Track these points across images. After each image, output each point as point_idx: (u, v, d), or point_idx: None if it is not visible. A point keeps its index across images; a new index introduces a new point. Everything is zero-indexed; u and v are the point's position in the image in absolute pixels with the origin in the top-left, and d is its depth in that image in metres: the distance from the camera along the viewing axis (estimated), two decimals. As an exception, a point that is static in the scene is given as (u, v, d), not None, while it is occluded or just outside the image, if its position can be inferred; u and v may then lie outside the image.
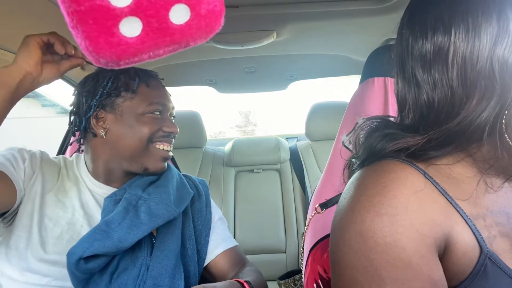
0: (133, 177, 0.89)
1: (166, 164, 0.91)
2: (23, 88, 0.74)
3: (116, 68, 0.40)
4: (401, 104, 0.56)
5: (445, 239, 0.46)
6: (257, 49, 1.33)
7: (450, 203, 0.47)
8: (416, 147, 0.50)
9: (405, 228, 0.44)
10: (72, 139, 0.95)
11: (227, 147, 2.19)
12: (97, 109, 0.85)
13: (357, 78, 1.04)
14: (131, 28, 0.37)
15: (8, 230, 0.79)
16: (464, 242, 0.45)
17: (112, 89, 0.85)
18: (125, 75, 0.87)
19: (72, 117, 0.90)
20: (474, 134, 0.47)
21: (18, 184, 0.78)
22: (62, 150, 1.49)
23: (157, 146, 0.86)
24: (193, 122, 2.09)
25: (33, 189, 0.81)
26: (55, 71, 0.78)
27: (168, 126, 0.87)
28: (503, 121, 0.46)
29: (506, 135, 0.46)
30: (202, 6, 0.39)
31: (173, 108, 0.93)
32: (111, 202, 0.81)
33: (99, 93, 0.84)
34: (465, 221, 0.46)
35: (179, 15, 0.38)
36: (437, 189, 0.47)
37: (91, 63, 0.80)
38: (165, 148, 0.88)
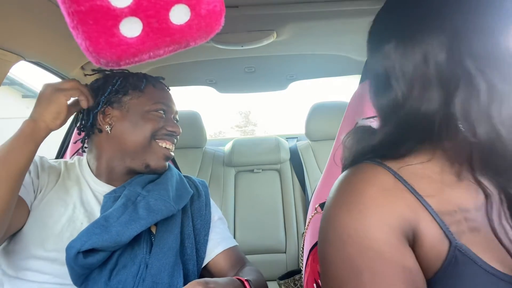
0: (134, 176, 0.90)
1: (167, 163, 0.93)
2: (41, 142, 0.79)
3: (117, 68, 0.40)
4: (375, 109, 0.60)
5: (412, 232, 0.49)
6: (257, 49, 1.33)
7: (418, 199, 0.50)
8: (378, 145, 0.54)
9: (374, 220, 0.47)
10: (76, 137, 0.96)
11: (227, 147, 2.19)
12: (105, 106, 0.89)
13: (357, 78, 1.04)
14: (131, 28, 0.37)
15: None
16: (432, 236, 0.48)
17: (120, 87, 0.89)
18: (134, 76, 0.92)
19: (80, 115, 0.93)
20: (428, 127, 0.50)
21: (29, 203, 0.80)
22: (62, 150, 1.50)
23: (160, 143, 0.89)
24: (193, 122, 2.09)
25: (38, 193, 0.83)
26: (63, 122, 0.83)
27: (172, 126, 0.91)
28: (453, 110, 0.47)
29: (460, 125, 0.47)
30: (202, 6, 0.39)
31: (176, 112, 0.97)
32: (110, 199, 0.83)
33: (108, 90, 0.89)
34: (433, 216, 0.49)
35: (179, 15, 0.38)
36: (406, 187, 0.50)
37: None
38: (167, 146, 0.90)
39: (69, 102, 0.83)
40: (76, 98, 0.83)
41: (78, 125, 0.93)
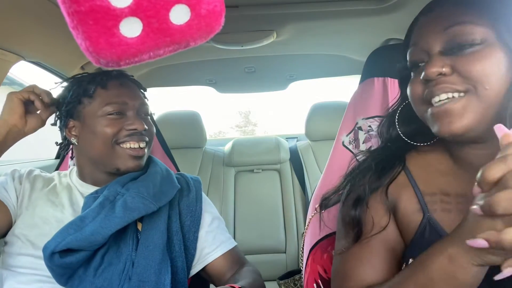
0: (117, 176, 0.89)
1: (140, 161, 0.88)
2: (10, 139, 0.84)
3: (117, 68, 0.40)
4: None
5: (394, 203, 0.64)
6: (257, 49, 1.33)
7: (409, 179, 0.65)
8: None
9: None
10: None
11: (227, 147, 2.19)
12: (66, 119, 0.88)
13: (357, 78, 1.04)
14: (131, 28, 0.37)
15: (2, 241, 0.85)
16: (409, 206, 0.62)
17: (73, 97, 0.87)
18: (86, 81, 0.88)
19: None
20: None
21: (11, 206, 0.83)
22: (60, 156, 1.49)
23: (123, 145, 0.85)
24: (193, 122, 2.09)
25: (22, 197, 0.85)
26: (39, 121, 0.87)
27: (131, 123, 0.85)
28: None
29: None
30: (202, 6, 0.39)
31: (142, 104, 0.90)
32: (91, 200, 0.83)
33: (64, 103, 0.88)
34: (416, 193, 0.63)
35: (179, 15, 0.38)
36: (407, 175, 0.65)
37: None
38: (132, 146, 0.86)
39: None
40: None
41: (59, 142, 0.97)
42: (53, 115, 0.93)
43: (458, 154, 0.61)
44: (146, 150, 0.89)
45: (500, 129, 0.41)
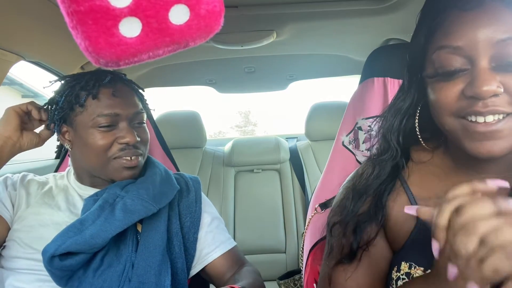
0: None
1: (134, 171, 0.86)
2: (6, 152, 0.82)
3: (116, 68, 0.40)
4: None
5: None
6: (257, 49, 1.33)
7: (402, 185, 0.63)
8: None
9: None
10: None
11: (227, 147, 2.19)
12: (60, 123, 0.86)
13: (357, 78, 1.04)
14: (130, 28, 0.37)
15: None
16: (404, 212, 0.59)
17: (65, 103, 0.83)
18: (79, 86, 0.84)
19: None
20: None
21: (7, 216, 0.82)
22: (60, 157, 1.49)
23: (117, 160, 0.84)
24: (193, 122, 2.09)
25: (19, 203, 0.84)
26: (37, 139, 0.87)
27: (123, 137, 0.82)
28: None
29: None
30: (201, 6, 0.39)
31: (135, 114, 0.85)
32: (90, 202, 0.82)
33: (58, 108, 0.85)
34: (408, 197, 0.61)
35: (178, 15, 0.38)
36: (401, 180, 0.64)
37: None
38: (126, 158, 0.84)
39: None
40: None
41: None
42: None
43: (467, 158, 0.57)
44: (140, 160, 0.87)
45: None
